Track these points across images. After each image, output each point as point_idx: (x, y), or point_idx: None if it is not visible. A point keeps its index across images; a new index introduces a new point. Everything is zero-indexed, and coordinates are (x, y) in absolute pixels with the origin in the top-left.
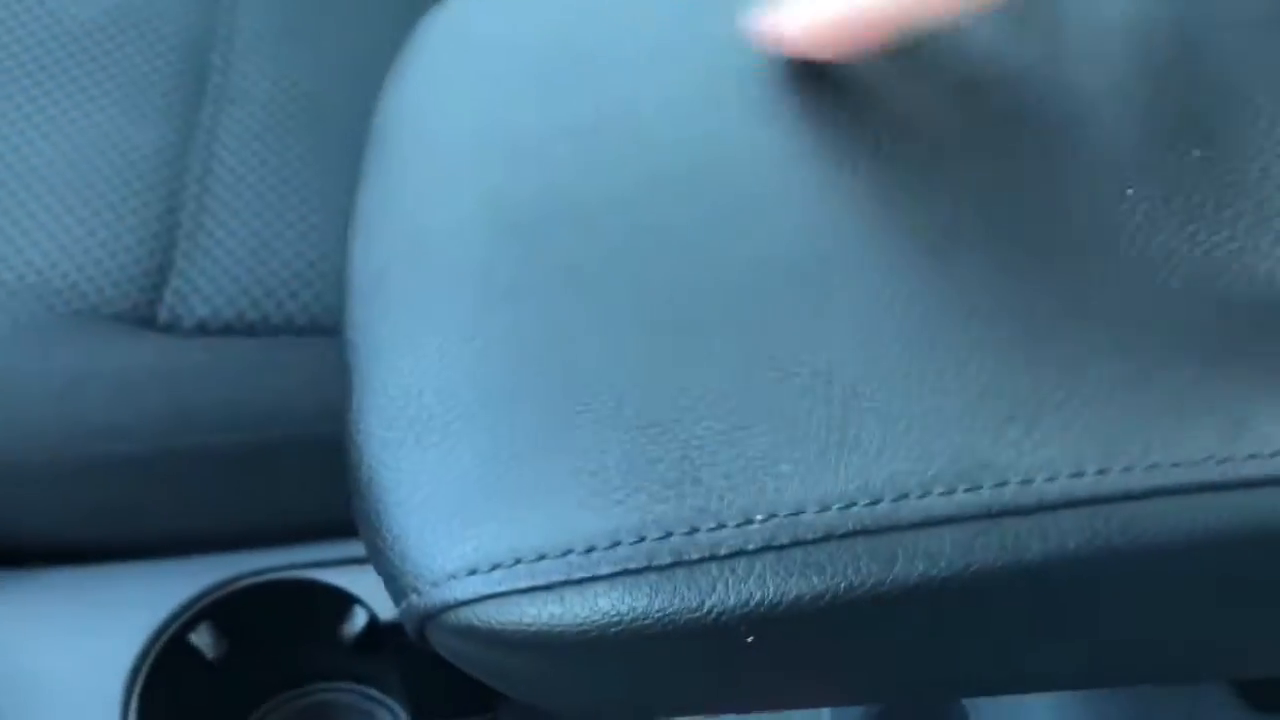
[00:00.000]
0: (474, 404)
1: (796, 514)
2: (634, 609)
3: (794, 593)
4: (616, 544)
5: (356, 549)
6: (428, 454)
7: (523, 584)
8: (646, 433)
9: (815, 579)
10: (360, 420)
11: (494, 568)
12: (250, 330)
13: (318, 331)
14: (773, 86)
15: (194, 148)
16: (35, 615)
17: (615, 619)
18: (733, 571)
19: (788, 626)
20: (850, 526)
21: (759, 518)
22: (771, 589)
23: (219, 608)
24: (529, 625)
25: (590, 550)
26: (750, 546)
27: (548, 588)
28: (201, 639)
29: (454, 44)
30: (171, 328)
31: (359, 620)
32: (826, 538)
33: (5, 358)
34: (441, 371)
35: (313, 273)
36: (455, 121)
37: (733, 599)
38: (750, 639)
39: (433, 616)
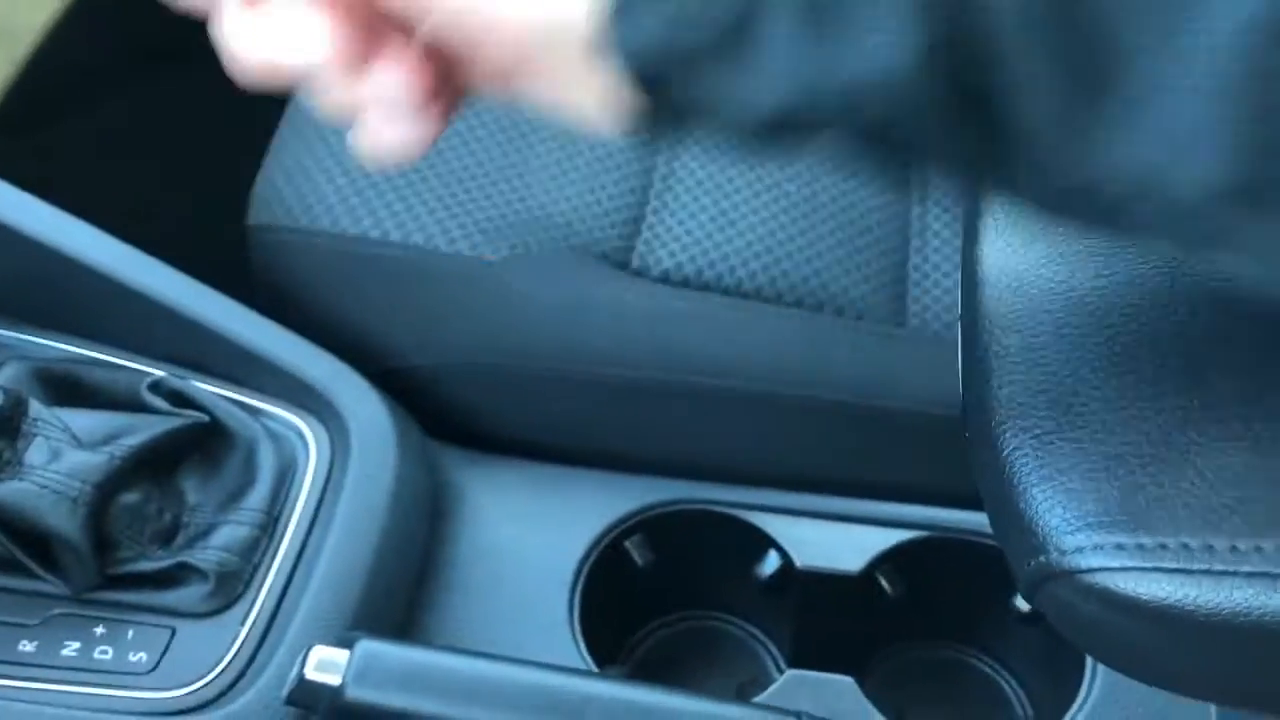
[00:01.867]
0: (1107, 408)
1: None
2: (1265, 607)
3: None
4: (1259, 548)
5: (777, 498)
6: (1072, 446)
7: (1166, 564)
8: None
9: None
10: (999, 407)
11: (1139, 546)
12: (705, 287)
13: (764, 299)
14: None
15: None
16: (508, 499)
17: (1244, 611)
18: None
19: None
20: None
21: None
22: None
23: (654, 523)
24: (1162, 600)
25: (1234, 549)
26: None
27: (1188, 572)
28: (635, 546)
29: None
30: (642, 273)
31: (771, 563)
32: None
33: (521, 278)
34: (1077, 373)
35: (761, 246)
36: None
37: None
38: None
39: (1063, 576)
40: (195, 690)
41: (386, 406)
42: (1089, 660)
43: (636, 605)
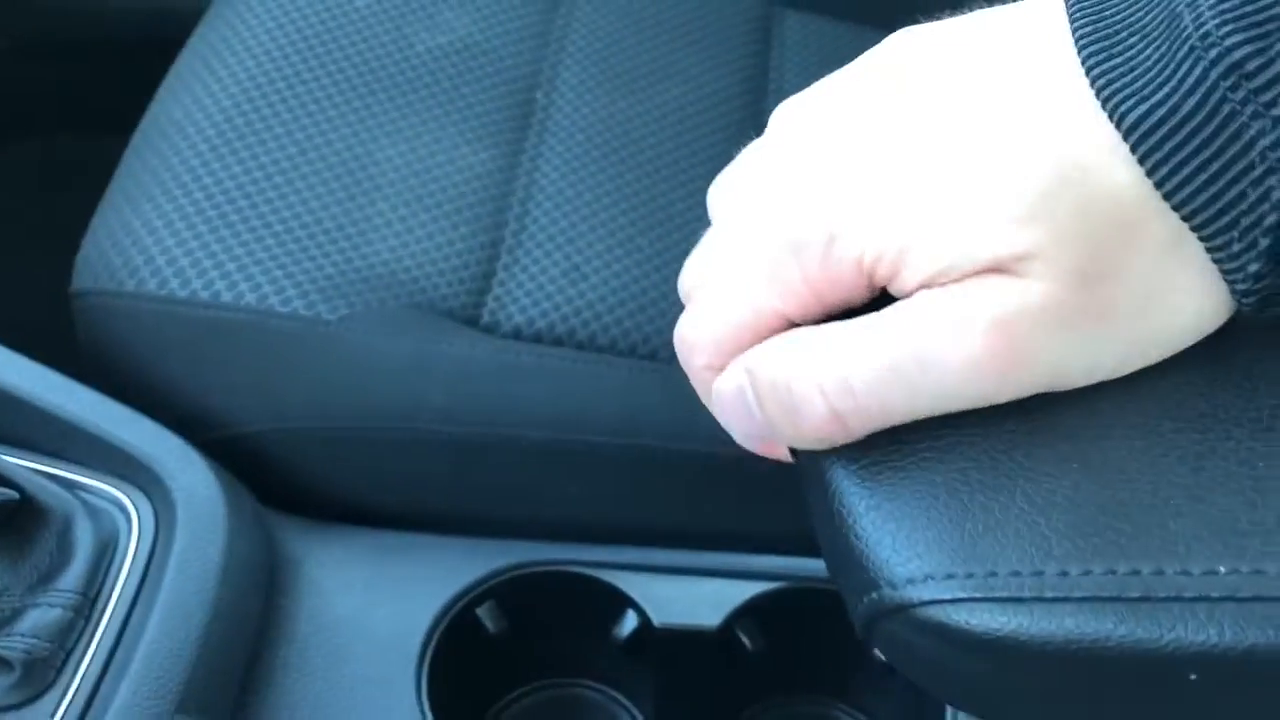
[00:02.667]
0: (932, 435)
1: (1258, 573)
2: (1098, 633)
3: (1248, 642)
4: (1089, 572)
5: (633, 555)
6: (898, 475)
7: (996, 593)
8: (1117, 480)
9: (1272, 633)
10: None
11: (969, 575)
12: (558, 342)
13: (618, 352)
14: None
15: (519, 173)
16: (350, 570)
17: (1078, 639)
18: (1194, 615)
19: (1232, 672)
20: None
21: (1222, 570)
22: (1229, 635)
23: (506, 588)
24: (995, 631)
25: (1064, 574)
26: (1213, 594)
27: (1019, 600)
28: (487, 613)
29: None
30: (492, 330)
31: (629, 623)
32: None
33: (360, 336)
34: None
35: (615, 299)
36: None
37: (1190, 638)
38: (1193, 677)
39: (895, 612)
40: None
41: (215, 474)
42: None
43: (491, 676)
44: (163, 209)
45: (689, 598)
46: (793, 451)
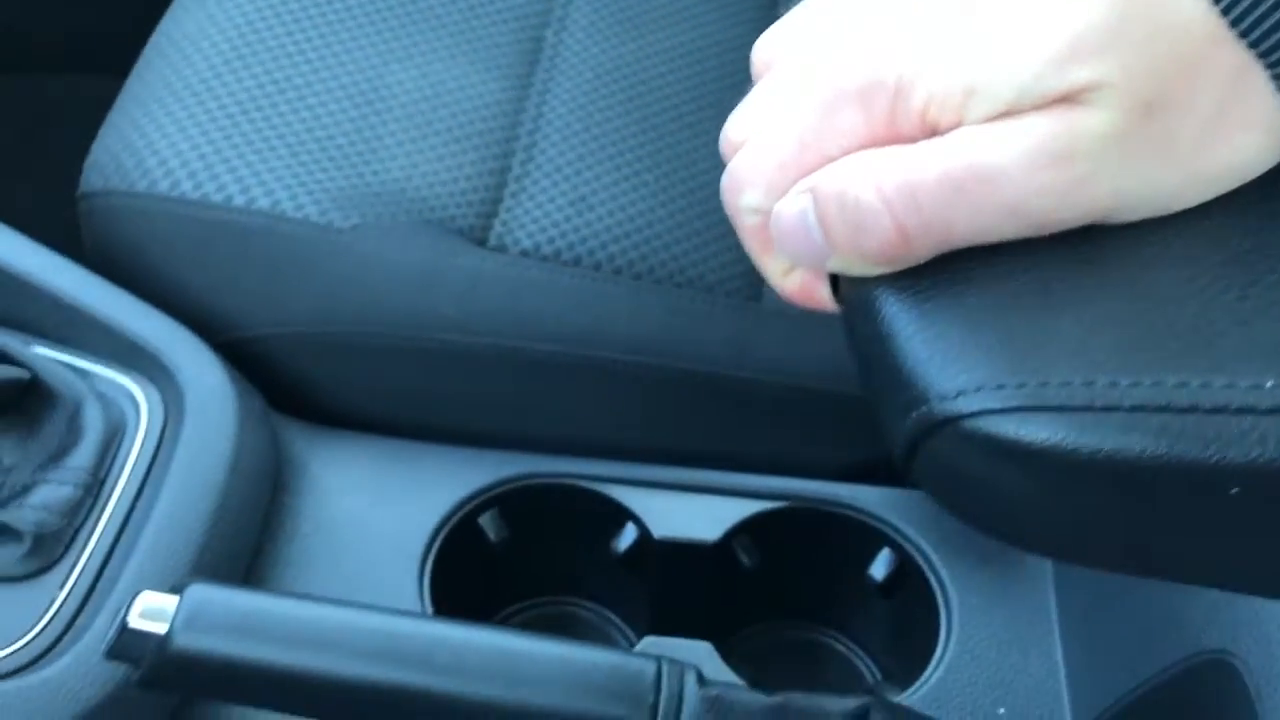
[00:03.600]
0: (987, 262)
1: None
2: (1144, 445)
3: None
4: (1137, 384)
5: (636, 470)
6: (949, 299)
7: (1048, 402)
8: (1163, 303)
9: None
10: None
11: (1020, 385)
12: (567, 265)
13: (625, 277)
14: None
15: (527, 105)
16: (354, 474)
17: (1125, 450)
18: (1239, 426)
19: (1275, 485)
20: None
21: (1269, 384)
22: (1272, 448)
23: (509, 498)
24: (1045, 441)
25: (1114, 384)
26: (1261, 406)
27: (1070, 410)
28: (489, 522)
29: None
30: (500, 250)
31: (628, 536)
32: None
33: (371, 246)
34: None
35: (620, 230)
36: None
37: (1234, 451)
38: (1235, 491)
39: (943, 426)
40: (8, 655)
41: (226, 371)
42: (942, 629)
43: (488, 587)
44: (175, 114)
45: (689, 513)
46: (835, 286)
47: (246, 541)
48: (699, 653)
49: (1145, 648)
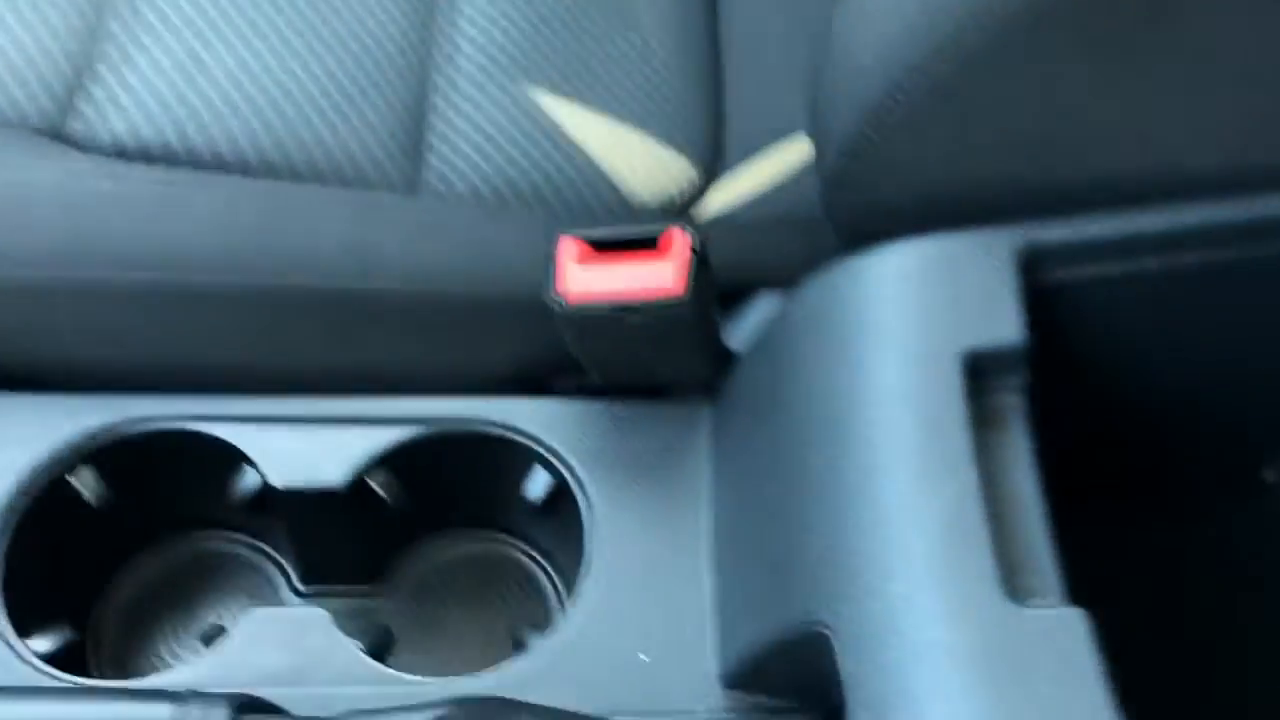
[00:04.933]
0: None
1: None
2: None
3: None
4: None
5: (249, 405)
6: None
7: None
8: None
9: None
10: None
11: None
12: (172, 161)
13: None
14: None
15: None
16: None
17: None
18: None
19: None
20: None
21: None
22: None
23: (103, 450)
24: None
25: None
26: None
27: None
28: (84, 482)
29: None
30: (84, 147)
31: (251, 480)
32: None
33: None
34: None
35: (248, 108)
36: None
37: None
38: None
39: None
40: None
41: None
42: (586, 535)
43: (102, 547)
44: None
45: (311, 452)
46: None
47: None
48: (315, 620)
49: (779, 601)
